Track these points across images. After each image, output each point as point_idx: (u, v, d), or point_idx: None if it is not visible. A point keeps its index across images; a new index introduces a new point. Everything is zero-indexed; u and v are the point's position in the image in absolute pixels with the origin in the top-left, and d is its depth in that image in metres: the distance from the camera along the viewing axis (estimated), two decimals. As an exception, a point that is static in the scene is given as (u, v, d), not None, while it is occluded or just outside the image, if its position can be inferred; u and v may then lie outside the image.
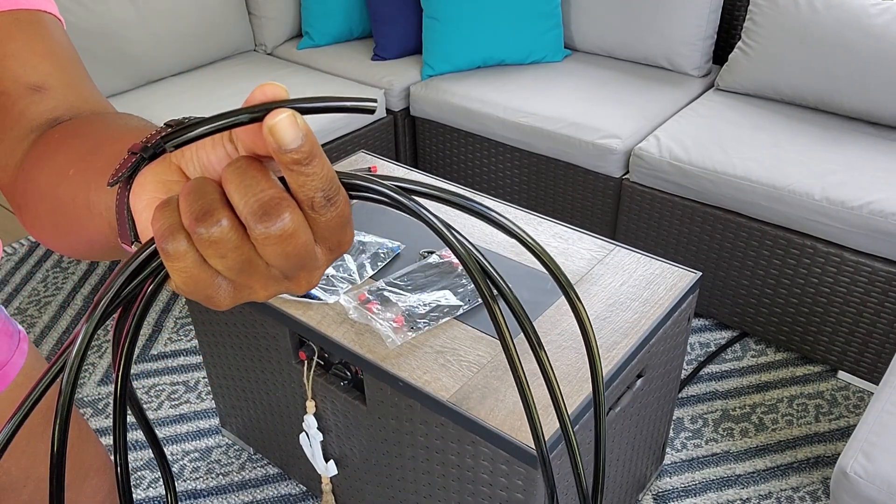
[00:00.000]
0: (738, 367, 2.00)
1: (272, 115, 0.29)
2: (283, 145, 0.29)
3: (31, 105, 0.54)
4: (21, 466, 0.80)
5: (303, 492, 1.70)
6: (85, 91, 0.57)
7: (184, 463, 1.79)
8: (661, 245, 2.11)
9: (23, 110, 0.54)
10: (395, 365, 1.19)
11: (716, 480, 1.69)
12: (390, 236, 1.51)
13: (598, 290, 1.35)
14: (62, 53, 0.58)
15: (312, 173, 0.30)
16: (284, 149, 0.29)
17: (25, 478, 0.81)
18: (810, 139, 2.01)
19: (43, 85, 0.55)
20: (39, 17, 0.58)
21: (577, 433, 1.13)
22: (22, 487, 0.81)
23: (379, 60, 2.69)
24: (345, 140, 2.43)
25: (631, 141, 2.12)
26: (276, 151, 0.29)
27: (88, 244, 0.48)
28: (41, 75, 0.55)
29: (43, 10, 0.59)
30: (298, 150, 0.29)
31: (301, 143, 0.29)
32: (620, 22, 2.48)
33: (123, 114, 0.53)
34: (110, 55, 2.41)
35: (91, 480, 0.89)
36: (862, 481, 1.12)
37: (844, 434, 1.80)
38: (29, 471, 0.81)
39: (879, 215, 1.72)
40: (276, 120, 0.29)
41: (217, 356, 1.63)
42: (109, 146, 0.44)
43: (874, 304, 1.79)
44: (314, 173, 0.30)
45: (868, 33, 1.97)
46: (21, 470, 0.80)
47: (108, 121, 0.51)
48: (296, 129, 0.29)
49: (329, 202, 0.31)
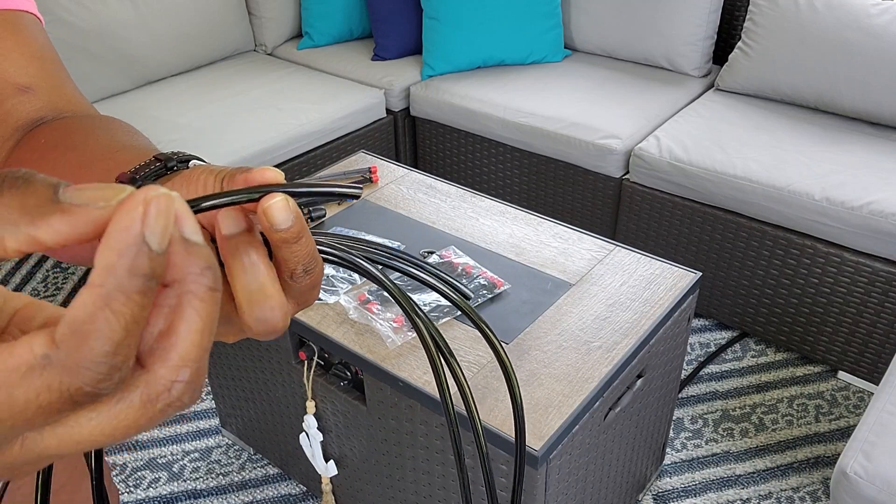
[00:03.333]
0: (738, 368, 2.00)
1: (267, 197, 0.31)
2: (274, 225, 0.30)
3: (17, 105, 0.54)
4: None
5: (303, 492, 1.70)
6: (68, 92, 0.58)
7: (184, 463, 1.79)
8: (661, 245, 2.11)
9: (10, 110, 0.54)
10: (395, 365, 1.19)
11: (716, 480, 1.69)
12: (390, 236, 1.51)
13: (598, 290, 1.35)
14: (46, 55, 0.58)
15: (297, 251, 0.32)
16: (276, 228, 0.31)
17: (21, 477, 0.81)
18: (810, 139, 2.01)
19: (30, 86, 0.55)
20: (24, 17, 0.58)
21: (576, 433, 1.13)
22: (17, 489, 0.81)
23: (379, 60, 2.69)
24: (345, 140, 2.43)
25: (631, 141, 2.12)
26: (267, 230, 0.31)
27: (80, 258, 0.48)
28: (29, 76, 0.56)
29: (26, 11, 0.59)
30: (287, 231, 0.31)
31: (291, 225, 0.31)
32: (620, 22, 2.48)
33: (107, 119, 0.53)
34: (110, 55, 2.41)
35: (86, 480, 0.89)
36: (862, 481, 1.12)
37: (844, 434, 1.80)
38: None
39: (879, 215, 1.72)
40: (271, 203, 0.30)
41: (217, 356, 1.63)
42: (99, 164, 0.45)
43: (874, 305, 1.79)
44: (299, 251, 0.32)
45: (868, 33, 1.97)
46: None
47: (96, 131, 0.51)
48: (287, 213, 0.31)
49: (306, 273, 0.33)
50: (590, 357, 1.20)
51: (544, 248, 1.47)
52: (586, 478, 1.26)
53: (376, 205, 1.63)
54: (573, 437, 1.12)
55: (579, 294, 1.34)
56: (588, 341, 1.23)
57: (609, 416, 1.23)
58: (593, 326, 1.26)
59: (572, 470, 1.18)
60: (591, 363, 1.19)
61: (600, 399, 1.16)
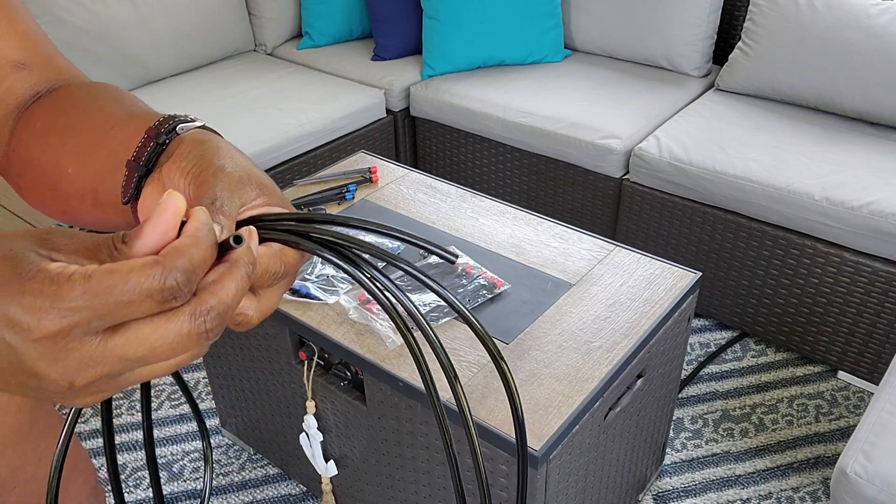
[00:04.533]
0: (738, 368, 2.00)
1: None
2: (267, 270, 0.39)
3: (15, 82, 0.56)
4: (10, 467, 0.79)
5: (303, 492, 1.70)
6: (59, 63, 0.60)
7: (184, 463, 1.79)
8: (661, 245, 2.11)
9: (9, 88, 0.56)
10: (395, 365, 1.20)
11: (716, 481, 1.69)
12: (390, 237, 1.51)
13: (598, 290, 1.35)
14: (37, 30, 0.60)
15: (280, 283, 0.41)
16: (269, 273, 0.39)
17: (14, 479, 0.80)
18: (810, 139, 2.01)
19: (25, 62, 0.57)
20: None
21: (576, 433, 1.13)
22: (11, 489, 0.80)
23: (379, 60, 2.69)
24: (345, 140, 2.43)
25: (631, 141, 2.12)
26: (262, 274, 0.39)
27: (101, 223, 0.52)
28: (22, 53, 0.57)
29: None
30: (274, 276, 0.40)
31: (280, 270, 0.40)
32: (620, 22, 2.48)
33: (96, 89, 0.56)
34: (110, 55, 2.41)
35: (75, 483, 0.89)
36: (862, 481, 1.12)
37: (844, 434, 1.80)
38: (17, 472, 0.80)
39: (879, 215, 1.72)
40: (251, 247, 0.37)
41: (217, 356, 1.63)
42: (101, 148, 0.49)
43: (874, 305, 1.79)
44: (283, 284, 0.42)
45: (868, 33, 1.97)
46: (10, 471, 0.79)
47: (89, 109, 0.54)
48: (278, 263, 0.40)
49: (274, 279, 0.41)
50: (590, 357, 1.20)
51: (544, 248, 1.47)
52: (586, 478, 1.26)
53: (376, 205, 1.63)
54: (573, 437, 1.12)
55: (579, 294, 1.34)
56: (588, 341, 1.23)
57: (609, 416, 1.23)
58: (593, 326, 1.26)
59: (572, 470, 1.18)
60: (591, 363, 1.19)
61: (600, 399, 1.16)
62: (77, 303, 0.30)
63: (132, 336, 0.32)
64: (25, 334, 0.30)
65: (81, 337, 0.31)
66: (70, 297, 0.30)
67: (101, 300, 0.30)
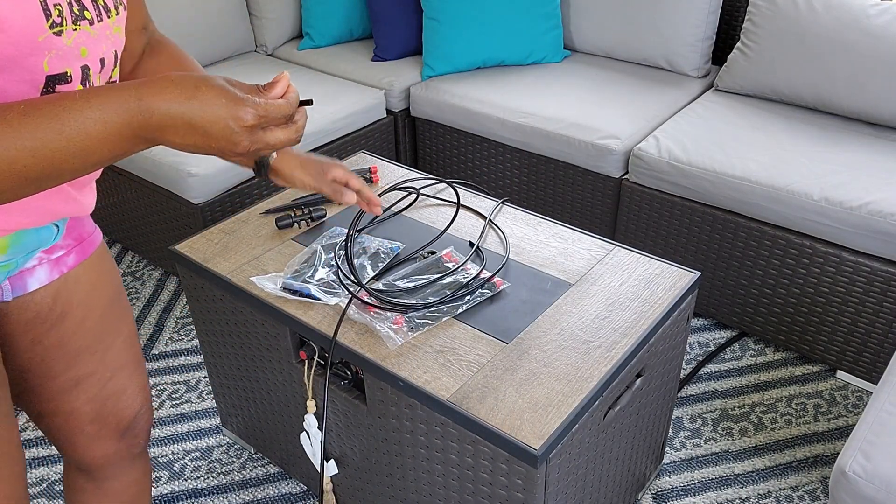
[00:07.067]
0: (737, 367, 2.01)
1: None
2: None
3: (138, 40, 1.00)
4: (83, 292, 0.97)
5: (303, 491, 1.70)
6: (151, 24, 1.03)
7: (184, 462, 1.79)
8: (661, 245, 2.12)
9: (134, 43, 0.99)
10: (396, 365, 1.20)
11: (715, 480, 1.70)
12: (390, 237, 1.51)
13: (597, 289, 1.35)
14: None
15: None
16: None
17: (88, 304, 0.97)
18: (809, 140, 2.02)
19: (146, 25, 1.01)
20: None
21: (576, 433, 1.13)
22: (87, 314, 0.98)
23: (379, 61, 2.69)
24: (345, 140, 2.43)
25: (630, 141, 2.13)
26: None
27: None
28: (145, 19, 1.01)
29: None
30: None
31: None
32: (620, 23, 2.49)
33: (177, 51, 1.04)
34: (111, 56, 2.41)
35: (119, 340, 1.06)
36: (861, 480, 1.13)
37: (843, 433, 1.80)
38: (92, 295, 0.98)
39: (878, 215, 1.73)
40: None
41: (218, 356, 1.63)
42: None
43: (873, 304, 1.80)
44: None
45: (868, 33, 1.98)
46: (84, 294, 0.97)
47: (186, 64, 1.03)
48: None
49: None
50: (589, 356, 1.20)
51: (544, 247, 1.48)
52: (586, 477, 1.26)
53: (376, 205, 1.63)
54: (573, 436, 1.13)
55: (579, 294, 1.34)
56: (587, 341, 1.24)
57: (608, 415, 1.23)
58: (593, 326, 1.27)
59: (572, 469, 1.18)
60: (591, 363, 1.19)
61: (600, 398, 1.17)
62: (261, 113, 0.69)
63: (275, 132, 0.72)
64: (239, 122, 0.67)
65: (259, 130, 0.70)
66: (259, 111, 0.69)
67: (272, 114, 0.70)
